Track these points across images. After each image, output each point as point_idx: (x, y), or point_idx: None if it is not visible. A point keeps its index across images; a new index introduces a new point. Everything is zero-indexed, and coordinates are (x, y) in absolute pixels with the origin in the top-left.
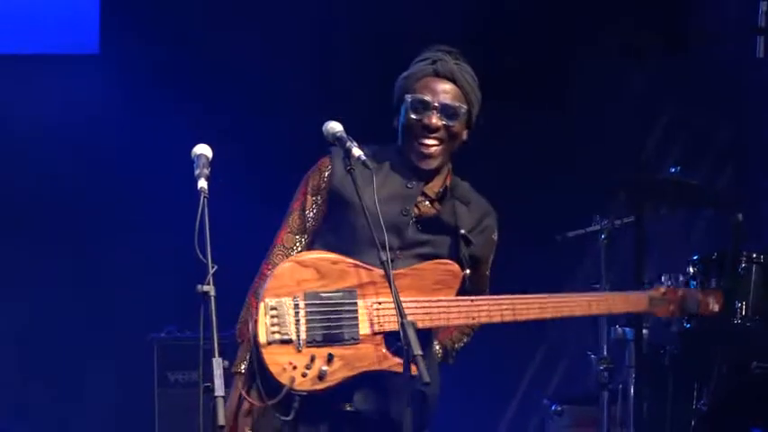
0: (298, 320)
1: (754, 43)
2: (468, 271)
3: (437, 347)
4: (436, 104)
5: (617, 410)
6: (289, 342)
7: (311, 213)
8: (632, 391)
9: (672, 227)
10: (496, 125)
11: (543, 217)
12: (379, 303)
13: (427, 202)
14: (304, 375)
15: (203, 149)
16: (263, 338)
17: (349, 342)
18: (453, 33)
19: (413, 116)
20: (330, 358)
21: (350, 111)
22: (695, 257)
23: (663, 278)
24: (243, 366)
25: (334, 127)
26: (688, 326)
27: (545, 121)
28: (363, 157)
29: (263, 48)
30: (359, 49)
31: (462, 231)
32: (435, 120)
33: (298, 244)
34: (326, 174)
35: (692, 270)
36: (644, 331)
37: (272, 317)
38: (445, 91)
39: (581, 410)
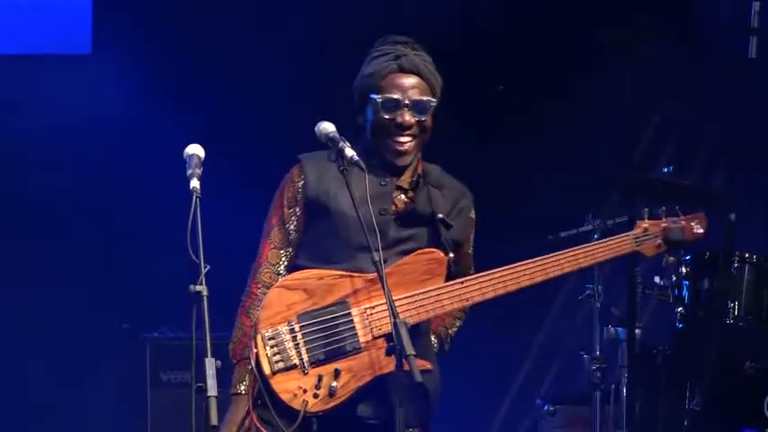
0: (297, 344)
1: (747, 43)
2: (451, 255)
3: (432, 338)
4: (407, 102)
5: (610, 410)
6: (293, 367)
7: (292, 226)
8: (625, 391)
9: None
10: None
11: (535, 217)
12: (372, 308)
13: (402, 195)
14: (316, 396)
15: (195, 149)
16: (267, 370)
17: (352, 353)
18: (450, 33)
19: (385, 116)
20: (337, 373)
21: (343, 111)
22: (687, 257)
23: (656, 279)
24: (242, 387)
25: (327, 127)
26: (680, 326)
27: (537, 121)
28: (356, 158)
29: (257, 47)
30: (358, 48)
31: (440, 216)
32: (408, 117)
33: (283, 258)
34: (300, 184)
35: (684, 270)
36: (637, 331)
37: (272, 347)
38: (413, 86)
39: (574, 410)
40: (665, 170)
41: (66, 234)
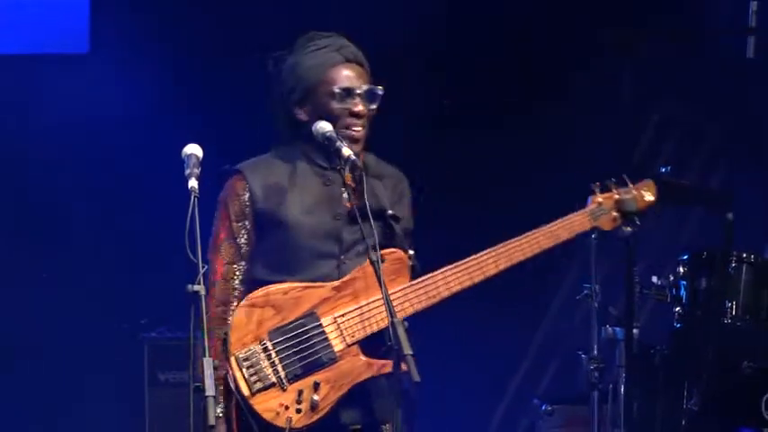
0: (273, 362)
1: (745, 43)
2: (411, 252)
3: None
4: (360, 91)
5: (607, 410)
6: (272, 385)
7: (242, 240)
8: (623, 390)
9: (662, 226)
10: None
11: (535, 217)
12: (342, 315)
13: (346, 194)
14: (299, 411)
15: (193, 149)
16: (246, 391)
17: (329, 364)
18: (450, 33)
19: (338, 106)
20: (317, 386)
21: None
22: (685, 257)
23: (654, 279)
24: (219, 411)
25: (324, 126)
26: (678, 326)
27: (536, 121)
28: (353, 158)
29: (254, 45)
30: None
31: (390, 212)
32: (362, 106)
33: (237, 273)
34: (246, 197)
35: (682, 269)
36: (635, 331)
37: (248, 368)
38: (360, 75)
39: (571, 410)
40: (663, 170)
41: (64, 234)
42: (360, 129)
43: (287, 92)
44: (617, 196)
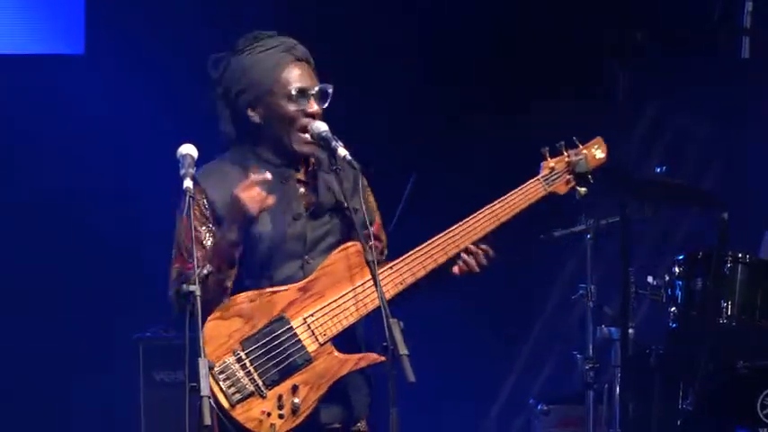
0: (248, 371)
1: (740, 43)
2: (372, 242)
3: None
4: (313, 91)
5: (603, 410)
6: (251, 395)
7: (209, 242)
8: (618, 390)
9: (657, 226)
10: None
11: (528, 216)
12: (311, 315)
13: (302, 189)
14: (281, 417)
15: (188, 149)
16: (226, 404)
17: (304, 365)
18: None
19: (293, 107)
20: (295, 389)
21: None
22: (681, 257)
23: (649, 279)
24: None
25: (320, 126)
26: (673, 326)
27: (531, 119)
28: (349, 157)
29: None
30: (360, 48)
31: (346, 205)
32: (316, 106)
33: None
34: (204, 201)
35: (677, 269)
36: (630, 331)
37: (224, 380)
38: (311, 75)
39: (567, 410)
40: (658, 170)
41: (58, 233)
42: None
43: (236, 93)
44: (567, 158)
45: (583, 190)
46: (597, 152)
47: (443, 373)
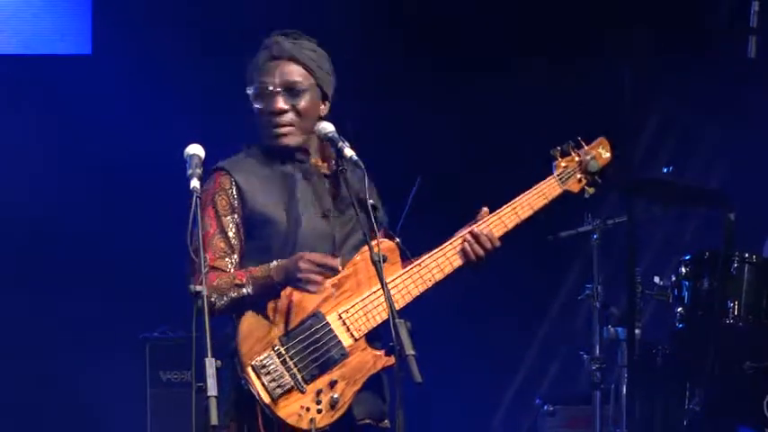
0: (288, 366)
1: (747, 43)
2: (398, 239)
3: None
4: (278, 88)
5: (609, 410)
6: (291, 389)
7: (232, 233)
8: (625, 390)
9: (664, 226)
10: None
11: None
12: (346, 311)
13: (328, 185)
14: (319, 411)
15: (195, 150)
16: (267, 399)
17: (341, 360)
18: (449, 33)
19: (258, 106)
20: (333, 384)
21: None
22: (687, 257)
23: (655, 279)
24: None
25: (326, 127)
26: (680, 326)
27: (534, 119)
28: (356, 158)
29: (256, 46)
30: (361, 48)
31: (371, 202)
32: (282, 103)
33: (230, 266)
34: (233, 191)
35: (683, 270)
36: (636, 331)
37: (266, 374)
38: (284, 72)
39: (573, 410)
40: (665, 170)
41: (65, 234)
42: (284, 126)
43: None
44: (578, 158)
45: (591, 189)
46: (603, 152)
47: (450, 374)
